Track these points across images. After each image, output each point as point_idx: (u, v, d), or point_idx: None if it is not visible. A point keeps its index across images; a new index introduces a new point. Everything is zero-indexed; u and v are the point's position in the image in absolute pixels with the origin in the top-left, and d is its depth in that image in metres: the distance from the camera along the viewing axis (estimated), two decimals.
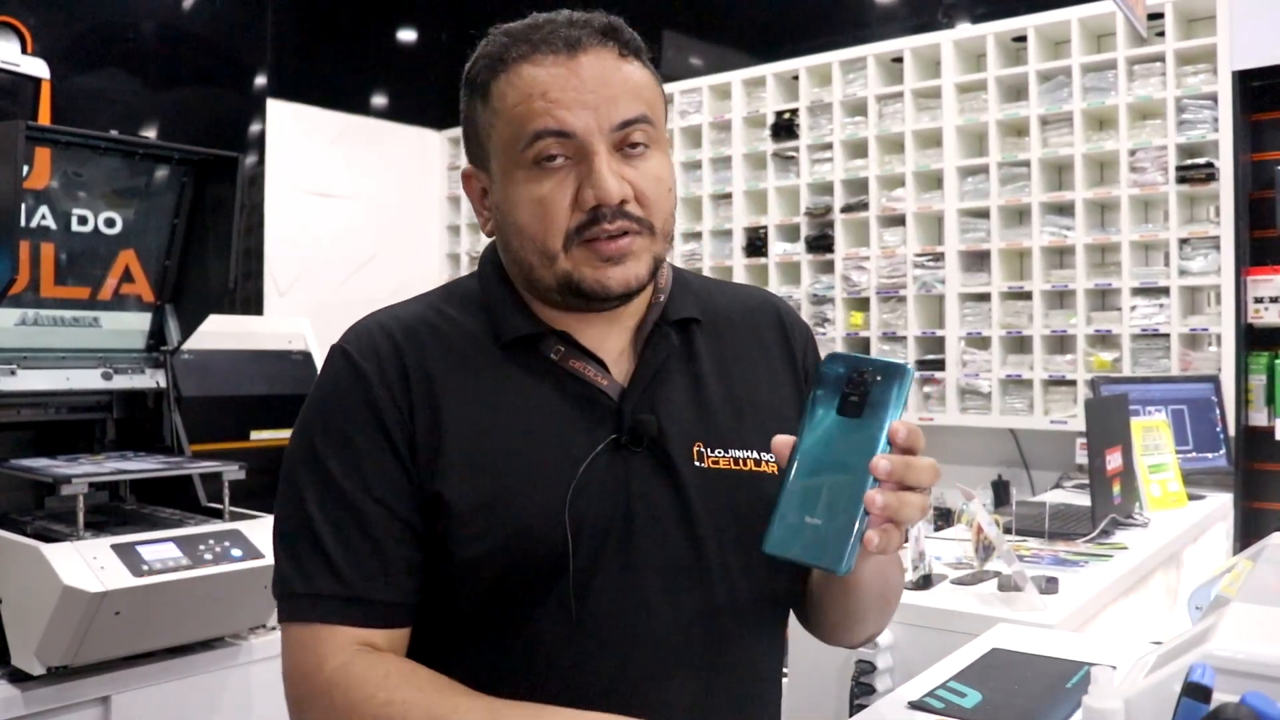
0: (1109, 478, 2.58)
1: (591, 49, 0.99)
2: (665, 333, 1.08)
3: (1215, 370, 3.72)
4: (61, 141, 2.14)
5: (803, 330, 1.19)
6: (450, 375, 1.02)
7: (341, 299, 5.55)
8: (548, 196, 0.98)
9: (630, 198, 0.99)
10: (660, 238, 1.03)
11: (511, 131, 0.99)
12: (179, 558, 1.84)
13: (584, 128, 0.97)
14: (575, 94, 0.98)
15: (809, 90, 4.78)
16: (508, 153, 1.01)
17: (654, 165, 1.02)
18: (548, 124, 0.97)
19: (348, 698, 0.92)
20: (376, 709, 0.90)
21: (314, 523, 0.99)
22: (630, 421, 1.02)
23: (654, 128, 1.02)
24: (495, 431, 1.00)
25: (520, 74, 0.99)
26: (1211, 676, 0.76)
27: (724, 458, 1.05)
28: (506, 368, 1.04)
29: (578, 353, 1.05)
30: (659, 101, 1.05)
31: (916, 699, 1.31)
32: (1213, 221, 3.82)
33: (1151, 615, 2.40)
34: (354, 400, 1.02)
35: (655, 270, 1.04)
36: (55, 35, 4.30)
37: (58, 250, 2.19)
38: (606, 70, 0.99)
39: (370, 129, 5.99)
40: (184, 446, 2.23)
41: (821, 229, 4.73)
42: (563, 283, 1.01)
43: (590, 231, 0.98)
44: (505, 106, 1.00)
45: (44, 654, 1.76)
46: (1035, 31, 4.16)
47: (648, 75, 1.04)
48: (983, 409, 4.30)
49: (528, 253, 1.02)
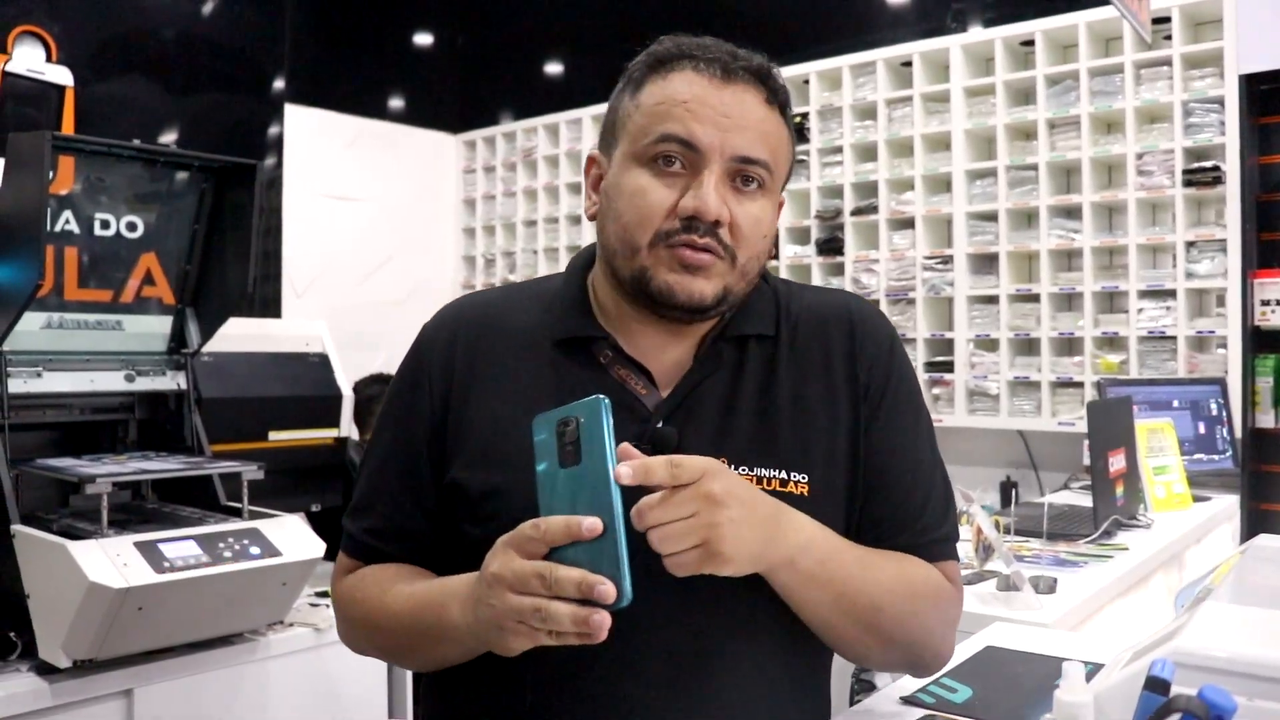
0: (1112, 479, 2.60)
1: (744, 83, 1.06)
2: (720, 349, 1.11)
3: (1222, 372, 3.74)
4: (85, 151, 2.19)
5: (875, 344, 1.16)
6: (496, 364, 1.11)
7: (358, 301, 5.61)
8: (652, 195, 1.04)
9: (726, 221, 1.04)
10: (739, 272, 1.07)
11: (645, 124, 1.06)
12: (199, 555, 1.88)
13: (709, 144, 1.03)
14: (713, 113, 1.03)
15: (819, 94, 4.81)
16: (635, 142, 1.06)
17: (758, 207, 1.06)
18: (678, 130, 1.03)
19: (343, 601, 1.17)
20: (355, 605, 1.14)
21: (367, 464, 1.18)
22: (654, 432, 1.06)
23: (770, 175, 1.07)
24: (518, 424, 1.03)
25: (673, 80, 1.06)
26: (1171, 671, 0.80)
27: (747, 475, 1.05)
28: (553, 366, 1.10)
29: (625, 361, 1.10)
30: (784, 156, 1.10)
31: (909, 694, 1.35)
32: (1220, 224, 3.84)
33: (1151, 615, 2.43)
34: (406, 380, 1.16)
35: (722, 299, 1.06)
36: (79, 44, 4.37)
37: (81, 254, 2.23)
38: (749, 106, 1.05)
39: (386, 133, 6.05)
40: (204, 447, 2.27)
41: (831, 232, 4.77)
42: (636, 277, 1.05)
43: (679, 238, 1.03)
44: (649, 103, 1.06)
45: (70, 648, 1.80)
46: (1043, 35, 4.18)
47: (783, 128, 1.09)
48: (991, 411, 4.33)
49: (617, 239, 1.07)
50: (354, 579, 1.16)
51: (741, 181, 1.05)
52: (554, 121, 5.86)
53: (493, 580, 0.89)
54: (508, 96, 6.40)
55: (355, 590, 1.15)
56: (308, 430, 2.70)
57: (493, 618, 0.90)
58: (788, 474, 1.07)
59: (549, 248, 5.90)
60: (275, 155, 5.44)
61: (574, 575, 0.84)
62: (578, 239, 5.68)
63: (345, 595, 1.17)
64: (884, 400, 1.13)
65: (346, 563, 1.19)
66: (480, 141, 6.28)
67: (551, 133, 5.92)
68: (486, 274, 6.22)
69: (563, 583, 0.84)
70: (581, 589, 0.84)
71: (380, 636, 1.14)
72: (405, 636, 1.09)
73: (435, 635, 1.03)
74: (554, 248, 5.88)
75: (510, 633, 0.88)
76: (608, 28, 5.75)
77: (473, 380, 1.11)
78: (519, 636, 0.88)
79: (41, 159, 1.93)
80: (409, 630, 1.07)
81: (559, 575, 0.85)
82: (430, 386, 1.12)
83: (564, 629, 0.85)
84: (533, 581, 0.86)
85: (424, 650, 1.08)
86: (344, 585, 1.18)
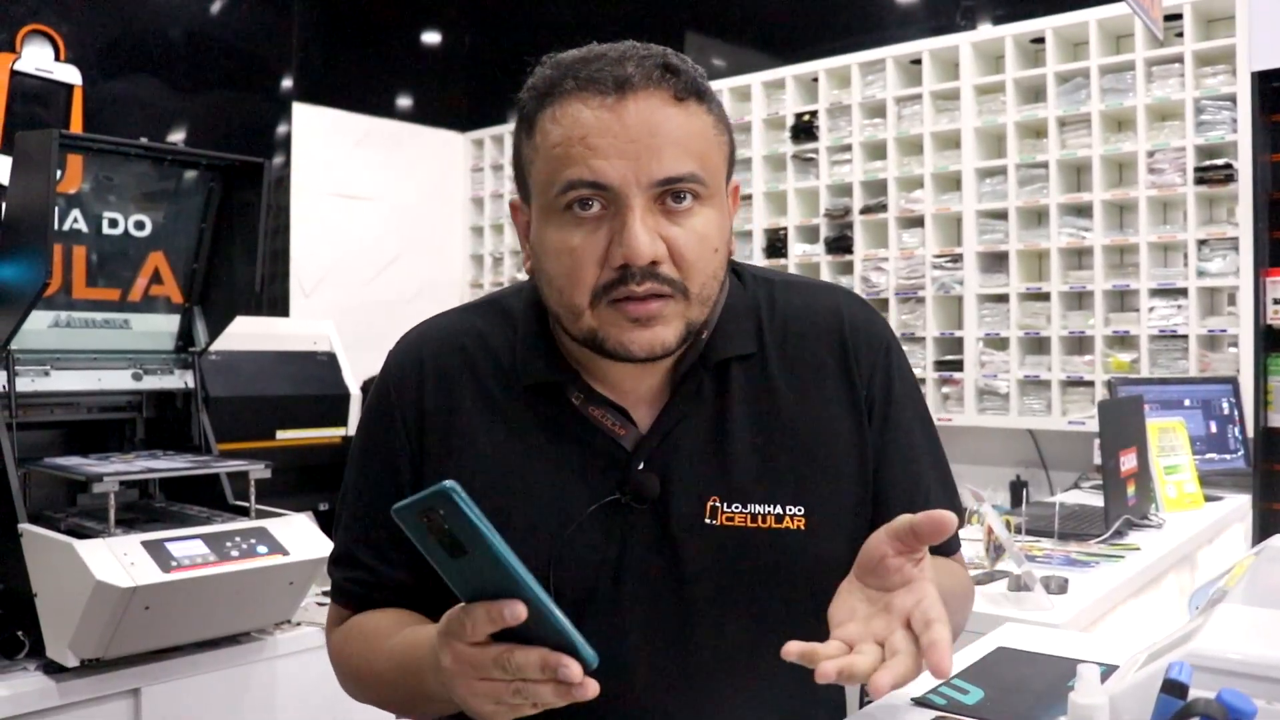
0: (1123, 479, 2.59)
1: (642, 91, 0.93)
2: (699, 378, 1.03)
3: (1234, 371, 3.72)
4: (93, 149, 2.19)
5: (871, 353, 1.08)
6: (469, 414, 1.04)
7: (366, 300, 5.62)
8: (577, 249, 0.94)
9: (664, 258, 0.93)
10: (695, 302, 0.97)
11: (549, 173, 0.95)
12: (207, 554, 1.88)
13: (620, 180, 0.92)
14: (615, 141, 0.92)
15: (828, 92, 4.80)
16: (544, 194, 0.96)
17: (699, 222, 0.95)
18: (583, 174, 0.92)
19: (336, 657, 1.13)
20: (346, 662, 1.10)
21: (342, 514, 1.12)
22: (634, 479, 1.00)
23: (705, 184, 0.95)
24: (499, 479, 1.01)
25: (564, 112, 0.94)
26: (1189, 673, 0.79)
27: (740, 514, 1.01)
28: (527, 409, 1.04)
29: (598, 401, 1.02)
30: (715, 150, 0.98)
31: (920, 696, 1.34)
32: (1231, 223, 3.81)
33: (1164, 616, 2.41)
34: (376, 434, 1.09)
35: (687, 336, 0.98)
36: (87, 43, 4.38)
37: (89, 252, 2.24)
38: (655, 118, 0.93)
39: (394, 131, 6.05)
40: (211, 446, 2.27)
41: (841, 230, 4.75)
42: (587, 339, 0.97)
43: (617, 291, 0.93)
44: (545, 145, 0.95)
45: (77, 647, 1.80)
46: (1054, 33, 4.16)
47: (704, 122, 0.97)
48: (1001, 410, 4.31)
49: (556, 303, 0.98)
50: (342, 633, 1.12)
51: (673, 200, 0.94)
52: None
53: (451, 675, 0.82)
54: (516, 95, 6.36)
55: (345, 645, 1.11)
56: (315, 429, 2.69)
57: (466, 702, 0.83)
58: (783, 509, 1.01)
59: None
60: (283, 154, 5.45)
61: (533, 659, 0.78)
62: None
63: (337, 649, 1.13)
64: (889, 411, 1.08)
65: (336, 613, 1.14)
66: (489, 140, 6.27)
67: None
68: (495, 272, 6.21)
69: (525, 668, 0.78)
70: (545, 672, 0.77)
71: (373, 694, 1.08)
72: (395, 695, 1.03)
73: (422, 697, 0.97)
74: None
75: (491, 715, 0.82)
76: (616, 25, 5.71)
77: (450, 423, 1.04)
78: (501, 712, 0.82)
79: (49, 157, 1.93)
80: (397, 689, 1.01)
81: (518, 661, 0.78)
82: (405, 429, 1.06)
83: (551, 703, 0.79)
84: (494, 670, 0.79)
85: (420, 707, 1.03)
86: (335, 639, 1.13)
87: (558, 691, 0.78)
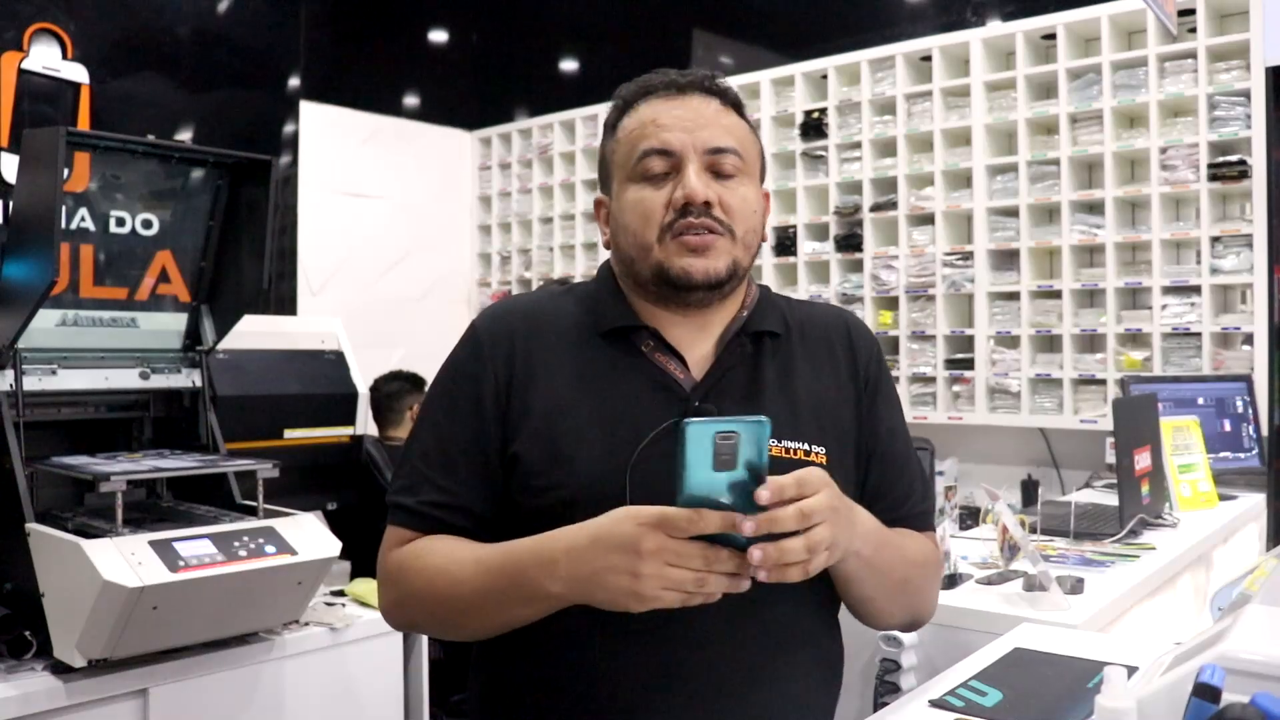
0: (1137, 478, 2.57)
1: (696, 94, 1.25)
2: (742, 341, 1.27)
3: (1247, 369, 3.68)
4: (100, 147, 2.19)
5: (868, 346, 1.36)
6: (551, 354, 1.25)
7: (373, 298, 5.61)
8: (648, 199, 1.22)
9: (715, 202, 1.20)
10: (740, 245, 1.23)
11: (627, 151, 1.25)
12: (214, 554, 1.87)
13: (681, 146, 1.21)
14: (678, 121, 1.22)
15: (838, 89, 4.78)
16: (623, 168, 1.25)
17: (741, 188, 1.24)
18: (653, 144, 1.22)
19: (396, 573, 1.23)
20: (412, 577, 1.21)
21: (413, 451, 1.26)
22: (693, 410, 1.20)
23: (744, 162, 1.24)
24: (578, 404, 1.21)
25: (639, 110, 1.26)
26: (1221, 677, 0.77)
27: (776, 446, 1.19)
28: (601, 353, 1.25)
29: (664, 348, 1.25)
30: (751, 146, 1.28)
31: (937, 697, 1.33)
32: (1245, 219, 3.78)
33: (1180, 616, 2.39)
34: (465, 370, 1.26)
35: (734, 272, 1.23)
36: (94, 41, 4.37)
37: (96, 251, 2.23)
38: (707, 110, 1.24)
39: (402, 130, 6.05)
40: (219, 445, 2.26)
41: (850, 228, 4.73)
42: (655, 271, 1.22)
43: (679, 225, 1.20)
44: (625, 133, 1.26)
45: (84, 647, 1.79)
46: (1065, 29, 4.14)
47: (743, 125, 1.28)
48: (1012, 408, 4.29)
49: (631, 247, 1.24)
50: (414, 548, 1.22)
51: (720, 170, 1.22)
52: (570, 118, 5.84)
53: (651, 553, 0.99)
54: (523, 93, 6.39)
55: (415, 559, 1.21)
56: (323, 428, 2.69)
57: (630, 584, 1.00)
58: (810, 446, 1.23)
59: (565, 244, 5.88)
60: (290, 152, 5.44)
61: (732, 560, 0.99)
62: (593, 235, 5.65)
63: (401, 565, 1.22)
64: (879, 392, 1.34)
65: (400, 535, 1.24)
66: (496, 138, 6.27)
67: (567, 129, 5.90)
68: (502, 271, 6.21)
69: (725, 563, 0.99)
70: (739, 568, 0.99)
71: (440, 604, 1.19)
72: (474, 600, 1.16)
73: (511, 597, 1.12)
74: (570, 244, 5.86)
75: (650, 598, 1.00)
76: (623, 24, 5.73)
77: (533, 368, 1.23)
78: (661, 600, 1.00)
79: (56, 155, 1.92)
80: (480, 593, 1.14)
81: (723, 558, 0.99)
82: (495, 373, 1.24)
83: (716, 592, 1.00)
84: (696, 559, 0.98)
85: (493, 614, 1.16)
86: (399, 555, 1.23)
87: (732, 583, 1.00)
